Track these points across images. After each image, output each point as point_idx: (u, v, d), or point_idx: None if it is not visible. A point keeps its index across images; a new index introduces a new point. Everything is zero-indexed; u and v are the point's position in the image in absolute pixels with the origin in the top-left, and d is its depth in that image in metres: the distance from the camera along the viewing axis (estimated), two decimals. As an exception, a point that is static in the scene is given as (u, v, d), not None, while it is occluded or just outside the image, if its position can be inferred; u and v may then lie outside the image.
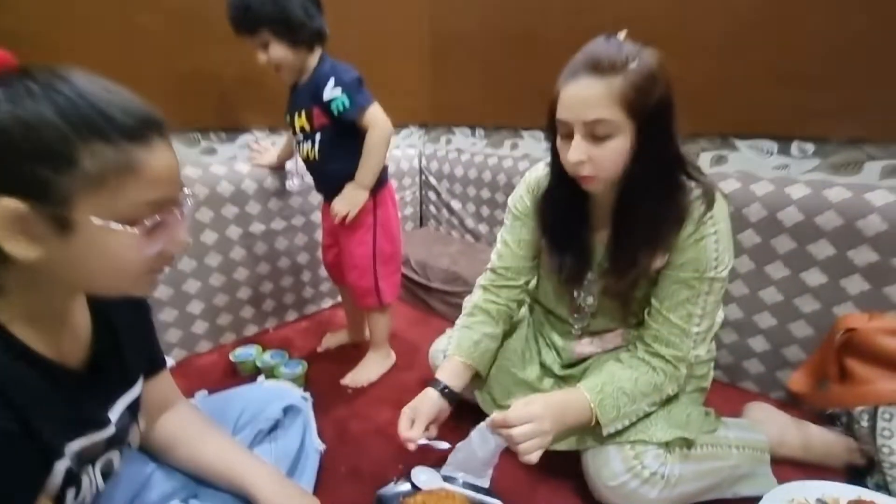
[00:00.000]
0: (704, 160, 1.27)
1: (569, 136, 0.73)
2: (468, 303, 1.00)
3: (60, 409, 0.50)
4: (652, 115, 0.69)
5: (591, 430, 0.80)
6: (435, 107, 1.94)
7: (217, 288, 1.38)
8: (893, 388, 0.82)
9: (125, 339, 0.61)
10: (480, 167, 1.74)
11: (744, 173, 1.16)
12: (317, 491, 0.83)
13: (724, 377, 1.22)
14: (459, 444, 0.81)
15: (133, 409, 0.62)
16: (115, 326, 0.61)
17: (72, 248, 0.44)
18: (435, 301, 1.65)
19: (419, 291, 1.70)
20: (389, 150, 1.16)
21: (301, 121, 1.13)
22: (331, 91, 1.05)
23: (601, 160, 0.71)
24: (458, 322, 0.99)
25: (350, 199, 1.13)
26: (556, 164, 0.81)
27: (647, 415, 0.80)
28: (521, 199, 0.93)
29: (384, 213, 1.21)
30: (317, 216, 1.55)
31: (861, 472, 0.89)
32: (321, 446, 0.90)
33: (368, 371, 1.27)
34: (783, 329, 1.11)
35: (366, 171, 1.11)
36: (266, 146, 1.44)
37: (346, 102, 1.06)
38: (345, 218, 1.13)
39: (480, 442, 0.78)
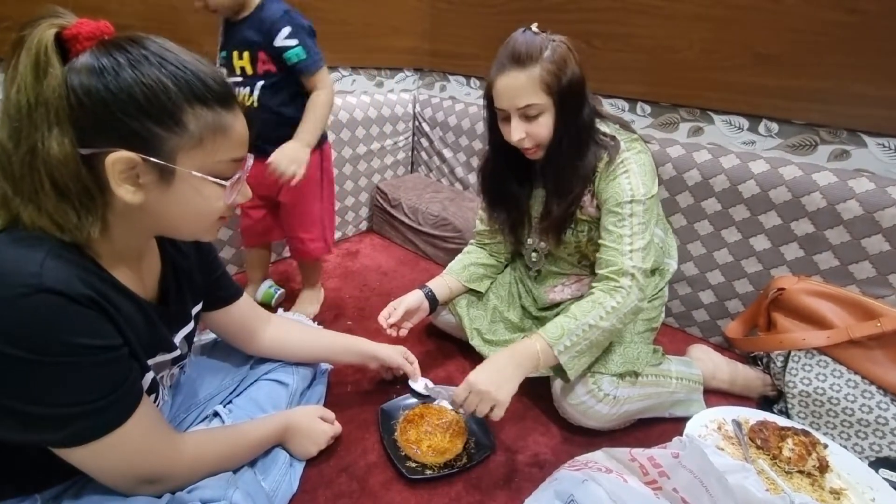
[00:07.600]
0: (682, 130, 1.37)
1: (507, 119, 0.89)
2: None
3: (145, 333, 0.60)
4: (567, 91, 0.86)
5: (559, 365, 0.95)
6: (432, 52, 1.95)
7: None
8: (805, 336, 1.01)
9: (185, 282, 0.71)
10: (474, 118, 1.79)
11: (715, 146, 1.28)
12: (327, 404, 0.98)
13: (675, 323, 1.41)
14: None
15: (188, 339, 0.74)
16: (179, 271, 0.70)
17: (169, 196, 0.53)
18: (424, 244, 1.77)
19: (409, 234, 1.81)
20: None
21: (242, 62, 1.05)
22: (284, 40, 1.01)
23: (536, 134, 0.88)
24: None
25: (294, 158, 1.03)
26: (494, 139, 0.97)
27: (606, 350, 0.96)
28: None
29: (328, 167, 1.24)
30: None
31: (771, 401, 1.11)
32: (329, 366, 1.05)
33: (311, 305, 1.36)
34: (729, 285, 1.28)
35: (311, 131, 1.07)
36: None
37: (302, 55, 1.02)
38: (290, 178, 1.03)
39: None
